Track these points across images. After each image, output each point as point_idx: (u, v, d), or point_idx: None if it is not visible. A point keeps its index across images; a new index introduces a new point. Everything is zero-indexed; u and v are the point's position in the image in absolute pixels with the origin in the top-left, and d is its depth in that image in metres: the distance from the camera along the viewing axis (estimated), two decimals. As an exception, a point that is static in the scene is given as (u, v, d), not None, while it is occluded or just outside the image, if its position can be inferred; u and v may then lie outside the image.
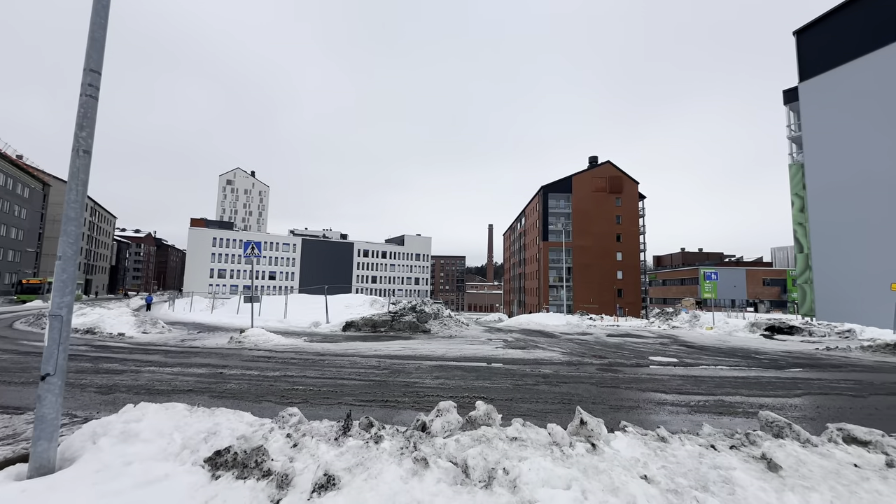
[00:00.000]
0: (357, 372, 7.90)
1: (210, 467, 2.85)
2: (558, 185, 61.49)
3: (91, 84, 2.95)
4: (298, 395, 6.16)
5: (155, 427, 3.09)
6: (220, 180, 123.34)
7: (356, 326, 16.17)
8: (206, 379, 7.13)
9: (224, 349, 10.94)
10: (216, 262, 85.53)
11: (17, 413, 5.09)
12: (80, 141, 2.90)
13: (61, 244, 2.84)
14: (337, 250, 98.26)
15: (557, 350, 11.92)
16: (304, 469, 2.86)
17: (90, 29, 3.00)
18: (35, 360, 8.97)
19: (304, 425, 3.48)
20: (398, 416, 5.10)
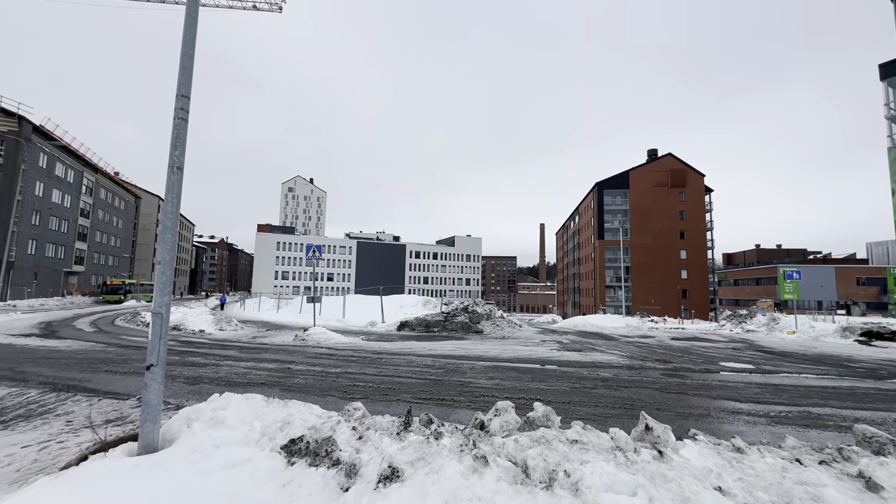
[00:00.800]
0: (413, 370, 8.11)
1: (286, 454, 3.09)
2: (614, 180, 58.80)
3: (182, 108, 3.32)
4: (359, 391, 6.45)
5: (238, 415, 3.41)
6: (283, 188, 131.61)
7: (410, 326, 16.55)
8: (276, 373, 7.67)
9: (290, 346, 11.70)
10: (280, 265, 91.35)
11: (123, 399, 5.81)
12: (173, 159, 3.28)
13: (160, 250, 3.22)
14: (390, 252, 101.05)
15: (616, 353, 11.44)
16: (369, 460, 3.01)
17: (180, 60, 3.37)
18: (134, 352, 10.15)
19: (367, 419, 3.66)
20: (454, 415, 5.18)
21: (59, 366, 8.17)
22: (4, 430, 4.48)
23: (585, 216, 66.23)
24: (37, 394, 6.00)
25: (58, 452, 3.88)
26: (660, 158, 58.37)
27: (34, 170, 37.47)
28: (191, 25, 3.42)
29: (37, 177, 38.07)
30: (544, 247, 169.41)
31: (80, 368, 7.92)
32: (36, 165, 37.80)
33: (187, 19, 3.41)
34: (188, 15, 3.42)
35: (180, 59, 3.37)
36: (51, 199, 40.82)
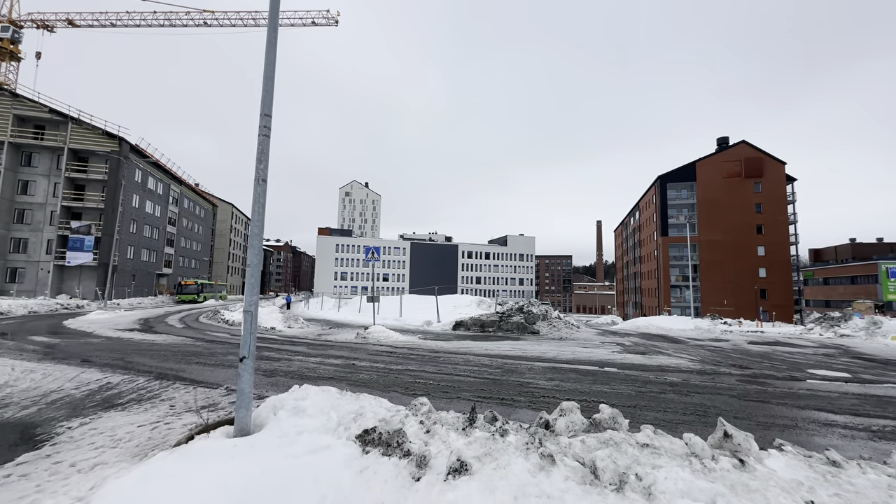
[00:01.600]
0: (471, 369, 8.22)
1: (360, 443, 3.31)
2: (678, 173, 55.01)
3: (265, 126, 3.67)
4: (420, 387, 6.67)
5: (316, 405, 3.71)
6: (340, 192, 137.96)
7: (465, 326, 16.70)
8: (343, 369, 8.13)
9: (353, 343, 12.30)
10: (339, 266, 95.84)
11: (213, 388, 6.48)
12: (258, 172, 3.64)
13: (249, 255, 3.59)
14: (442, 252, 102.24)
15: (686, 357, 10.76)
16: (437, 453, 3.15)
17: (263, 81, 3.73)
18: (218, 346, 11.22)
19: (433, 414, 3.80)
20: (515, 414, 5.20)
21: (159, 357, 9.25)
22: (123, 412, 5.20)
23: (647, 212, 62.65)
24: (144, 381, 6.86)
25: (166, 431, 4.44)
26: (732, 147, 53.77)
27: (131, 184, 42.47)
28: (271, 51, 3.77)
29: (134, 190, 43.13)
30: (601, 245, 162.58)
31: (175, 360, 8.92)
32: (133, 180, 42.83)
33: (268, 46, 3.77)
34: (269, 42, 3.78)
35: (263, 81, 3.73)
36: (145, 209, 46.04)
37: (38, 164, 39.09)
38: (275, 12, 3.87)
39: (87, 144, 39.61)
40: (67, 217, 39.21)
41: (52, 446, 4.04)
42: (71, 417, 4.93)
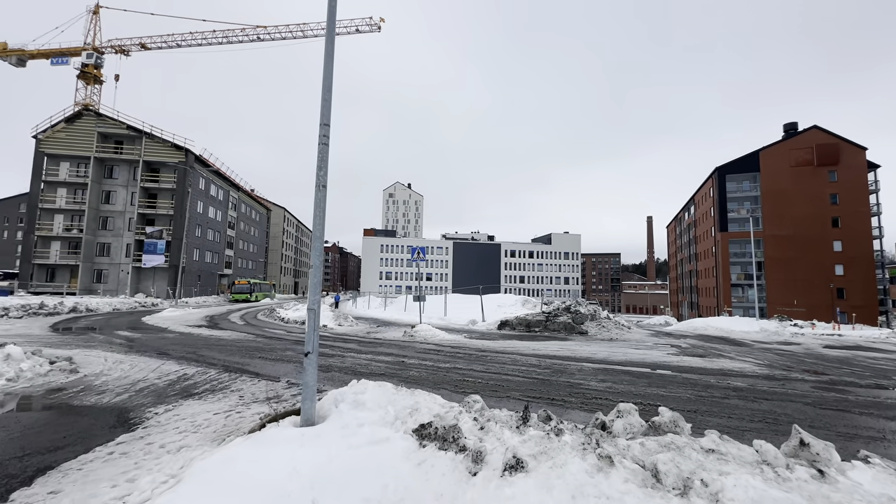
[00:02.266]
0: (519, 369, 8.18)
1: (417, 437, 3.44)
2: (739, 164, 51.18)
3: (324, 135, 3.89)
4: (469, 385, 6.74)
5: (374, 399, 3.89)
6: (384, 194, 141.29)
7: (511, 326, 16.59)
8: (393, 366, 8.39)
9: (400, 341, 12.62)
10: (384, 266, 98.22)
11: (276, 381, 6.92)
12: (319, 178, 3.86)
13: (312, 256, 3.83)
14: (485, 251, 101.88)
15: (751, 360, 10.07)
16: (493, 450, 3.20)
17: (322, 93, 3.96)
18: (277, 343, 11.93)
19: (486, 412, 3.86)
20: (567, 415, 5.14)
21: (226, 351, 10.00)
22: (199, 400, 5.69)
23: (703, 206, 58.92)
24: (215, 373, 7.46)
25: (238, 419, 4.82)
26: (801, 133, 49.27)
27: (196, 191, 45.98)
28: (329, 64, 3.99)
29: (198, 197, 46.66)
30: (653, 242, 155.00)
31: (240, 354, 9.60)
32: (197, 188, 46.35)
33: (326, 59, 4.00)
34: (326, 55, 4.00)
35: (321, 93, 3.96)
36: (208, 214, 49.67)
37: (118, 175, 43.31)
38: (331, 29, 4.09)
39: (159, 156, 43.36)
40: (143, 223, 43.13)
41: (144, 429, 4.51)
42: (157, 404, 5.48)
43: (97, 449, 3.93)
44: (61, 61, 47.12)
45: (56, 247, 40.81)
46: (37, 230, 40.41)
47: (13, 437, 4.23)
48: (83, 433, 4.37)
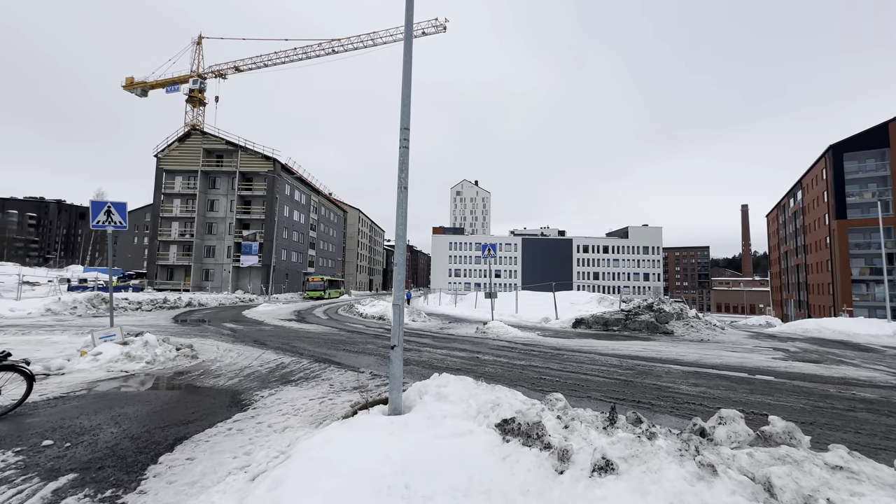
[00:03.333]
0: (598, 369, 7.86)
1: (500, 432, 3.48)
2: (861, 139, 43.61)
3: (405, 138, 4.07)
4: (547, 384, 6.63)
5: (456, 392, 4.00)
6: (451, 192, 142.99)
7: (586, 324, 15.94)
8: (468, 361, 8.52)
9: (473, 338, 12.75)
10: (453, 263, 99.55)
11: (360, 372, 7.39)
12: (400, 181, 4.05)
13: (395, 255, 4.03)
14: (556, 247, 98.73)
15: (883, 369, 8.63)
16: (579, 449, 3.14)
17: (401, 98, 4.14)
18: (358, 336, 12.69)
19: (570, 411, 3.79)
20: (655, 419, 4.84)
21: (314, 343, 10.87)
22: (296, 387, 6.28)
23: (813, 191, 51.36)
24: (307, 363, 8.16)
25: (331, 405, 5.24)
26: (947, 97, 40.67)
27: (283, 197, 50.40)
28: (407, 70, 4.16)
29: (284, 202, 51.10)
30: (748, 233, 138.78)
31: (327, 346, 10.38)
32: (284, 194, 50.78)
33: (405, 66, 4.17)
34: (405, 62, 4.18)
35: (401, 97, 4.14)
36: (293, 218, 54.18)
37: (220, 185, 48.89)
38: (409, 36, 4.26)
39: (251, 167, 48.19)
40: (240, 227, 48.29)
41: (254, 410, 5.10)
42: (262, 388, 6.15)
43: (218, 424, 4.52)
44: (174, 89, 54.29)
45: (173, 250, 47.28)
46: (158, 236, 47.16)
47: (156, 410, 5.02)
48: (206, 410, 5.05)
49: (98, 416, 4.69)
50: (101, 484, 3.13)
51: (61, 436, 4.07)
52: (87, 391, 5.79)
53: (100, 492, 3.02)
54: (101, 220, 8.22)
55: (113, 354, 7.42)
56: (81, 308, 17.56)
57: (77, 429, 4.28)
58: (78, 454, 3.66)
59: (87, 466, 3.42)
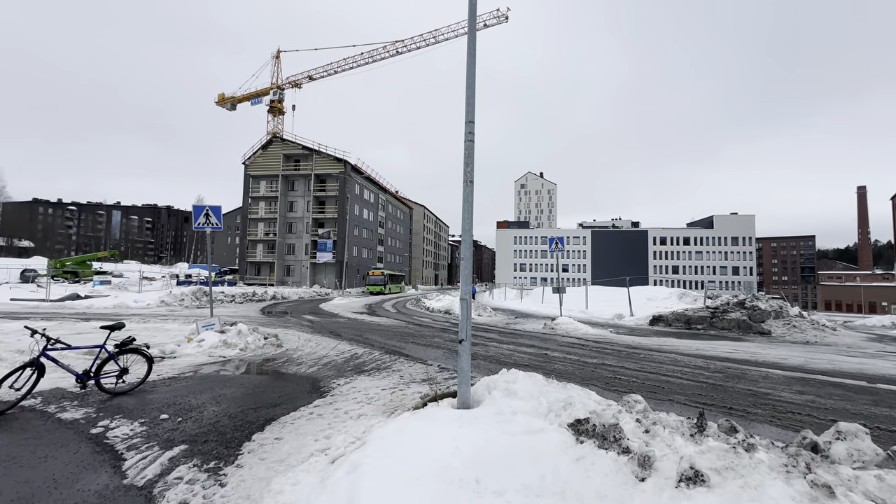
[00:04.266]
0: (681, 370, 7.25)
1: (573, 432, 3.34)
2: None
3: (469, 132, 4.04)
4: (622, 384, 6.26)
5: (526, 389, 3.91)
6: (515, 185, 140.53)
7: (665, 321, 14.81)
8: (536, 358, 8.33)
9: (541, 333, 12.44)
10: (518, 258, 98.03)
11: (428, 364, 7.54)
12: (466, 174, 4.03)
13: (462, 249, 4.03)
14: (629, 239, 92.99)
15: None
16: (662, 456, 2.90)
17: (466, 91, 4.11)
18: (426, 329, 13.00)
19: (650, 414, 3.53)
20: (752, 429, 4.34)
21: (384, 335, 11.33)
22: (369, 377, 6.58)
23: (957, 166, 42.59)
24: (378, 354, 8.52)
25: (401, 396, 5.41)
26: None
27: (353, 196, 53.10)
28: (471, 64, 4.12)
29: (355, 201, 53.81)
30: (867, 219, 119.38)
31: (396, 339, 10.76)
32: (354, 193, 53.48)
33: (468, 59, 4.13)
34: (469, 55, 4.14)
35: (466, 91, 4.11)
36: (362, 216, 56.90)
37: (298, 188, 52.73)
38: (472, 28, 4.20)
39: (325, 169, 51.31)
40: (315, 226, 51.74)
41: (331, 397, 5.43)
42: (338, 377, 6.53)
43: (301, 409, 4.88)
44: (257, 101, 59.45)
45: (260, 248, 52.03)
46: (247, 235, 52.16)
47: (248, 392, 5.55)
48: (291, 395, 5.47)
49: (202, 396, 5.30)
50: (206, 456, 3.53)
51: (174, 411, 4.66)
52: (193, 373, 6.57)
53: (205, 462, 3.40)
54: (201, 223, 9.26)
55: (213, 341, 8.35)
56: (188, 300, 20.00)
57: (186, 406, 4.87)
58: (187, 428, 4.16)
59: (194, 439, 3.87)
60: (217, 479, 3.14)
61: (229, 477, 3.17)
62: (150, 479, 3.11)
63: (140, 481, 3.07)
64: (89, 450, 3.59)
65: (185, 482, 3.06)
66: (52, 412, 4.52)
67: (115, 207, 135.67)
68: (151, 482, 3.06)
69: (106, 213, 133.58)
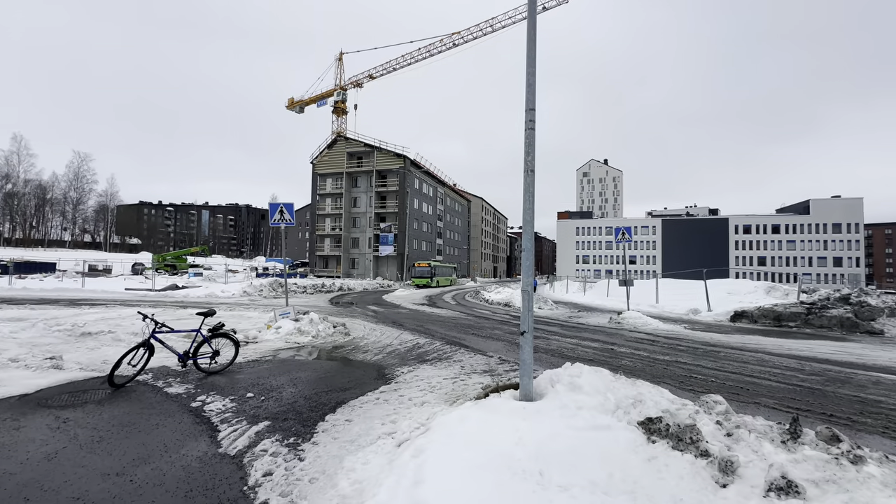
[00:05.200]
0: (769, 371, 6.57)
1: (644, 431, 3.17)
2: None
3: (530, 119, 3.94)
4: (698, 383, 5.82)
5: (591, 384, 3.78)
6: (577, 174, 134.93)
7: (750, 317, 13.47)
8: (601, 353, 8.00)
9: (606, 328, 11.91)
10: (580, 249, 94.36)
11: (489, 356, 7.56)
12: (527, 164, 3.94)
13: (523, 240, 3.97)
14: (705, 228, 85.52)
15: None
16: (748, 462, 2.67)
17: (526, 78, 4.01)
18: (485, 321, 13.01)
19: (733, 417, 3.25)
20: (859, 440, 3.82)
21: (445, 326, 11.52)
22: (431, 366, 6.74)
23: None
24: (439, 344, 8.69)
25: (463, 386, 5.49)
26: None
27: (412, 191, 54.27)
28: (531, 49, 4.01)
29: (414, 195, 54.98)
30: None
31: (456, 330, 10.90)
32: (413, 187, 54.63)
33: (528, 44, 4.02)
34: (529, 39, 4.02)
35: (525, 78, 4.01)
36: (421, 210, 57.97)
37: (361, 184, 54.97)
38: (533, 11, 4.08)
39: (385, 165, 52.93)
40: (377, 220, 53.66)
41: (396, 384, 5.65)
42: (401, 365, 6.77)
43: (368, 394, 5.14)
44: (322, 103, 62.63)
45: (327, 242, 55.13)
46: (315, 230, 55.48)
47: (321, 376, 5.95)
48: (358, 381, 5.78)
49: (281, 378, 5.77)
50: (286, 432, 3.85)
51: (258, 391, 5.13)
52: (272, 357, 7.17)
53: (286, 438, 3.71)
54: (277, 219, 10.01)
55: (289, 329, 9.04)
56: (266, 291, 21.81)
57: (268, 386, 5.34)
58: (270, 406, 4.56)
59: (276, 417, 4.24)
60: (296, 453, 3.42)
61: (307, 453, 3.44)
62: (240, 449, 3.46)
63: (232, 451, 3.43)
64: (191, 420, 4.08)
65: (270, 454, 3.37)
66: (161, 387, 5.18)
67: (203, 207, 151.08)
68: (241, 452, 3.41)
69: (196, 213, 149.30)
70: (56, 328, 9.00)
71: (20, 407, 4.29)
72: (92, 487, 2.80)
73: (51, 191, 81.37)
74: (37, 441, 3.49)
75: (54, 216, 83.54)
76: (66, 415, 4.11)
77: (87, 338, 8.14)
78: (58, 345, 7.31)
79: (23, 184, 76.95)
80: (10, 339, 7.39)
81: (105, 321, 10.12)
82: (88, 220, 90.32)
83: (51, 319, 10.15)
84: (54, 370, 5.70)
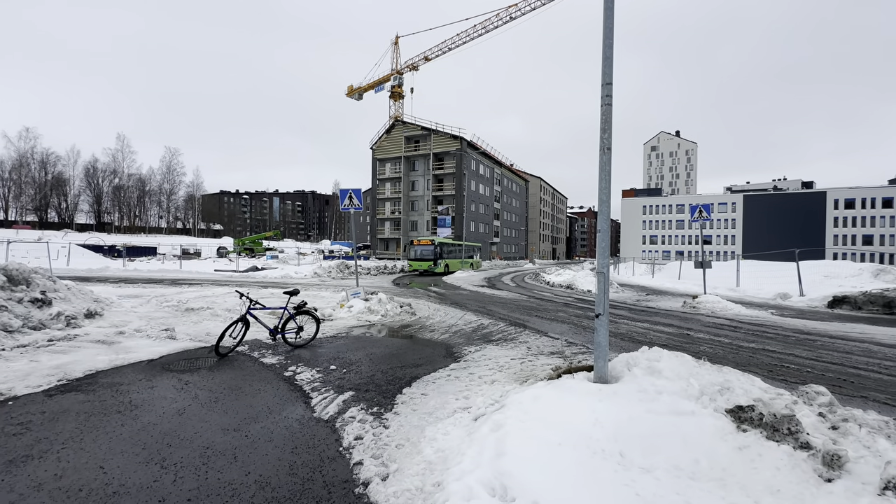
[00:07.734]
0: (879, 364, 5.88)
1: (733, 419, 3.03)
2: None
3: (607, 94, 3.78)
4: (791, 373, 5.38)
5: (672, 369, 3.66)
6: (645, 148, 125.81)
7: (852, 304, 11.99)
8: (676, 338, 7.61)
9: (680, 312, 11.25)
10: (647, 229, 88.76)
11: (554, 339, 7.51)
12: (603, 141, 3.81)
13: (599, 221, 3.87)
14: (796, 204, 76.33)
15: None
16: (858, 458, 2.48)
17: (602, 50, 3.83)
18: (547, 304, 12.85)
19: (838, 409, 3.00)
20: None
21: (507, 308, 11.56)
22: (497, 346, 6.85)
23: None
24: (503, 325, 8.77)
25: (531, 367, 5.54)
26: None
27: (469, 172, 54.02)
28: (608, 18, 3.80)
29: (471, 177, 54.72)
30: None
31: (519, 312, 10.89)
32: (470, 169, 54.35)
33: (605, 13, 3.82)
34: (606, 9, 3.82)
35: (602, 50, 3.83)
36: (479, 191, 57.64)
37: (418, 167, 55.69)
38: (610, -24, 3.85)
39: (442, 147, 53.03)
40: (435, 203, 54.27)
41: (465, 362, 5.83)
42: (468, 345, 6.95)
43: (440, 370, 5.37)
44: (380, 89, 63.71)
45: (387, 225, 56.91)
46: (376, 214, 57.42)
47: (393, 353, 6.30)
48: (429, 358, 6.04)
49: (357, 353, 6.20)
50: (369, 402, 4.17)
51: (339, 364, 5.56)
52: (346, 334, 7.70)
53: (370, 407, 4.03)
54: (347, 204, 10.54)
55: (360, 308, 9.60)
56: (334, 272, 23.18)
57: (347, 360, 5.77)
58: (351, 378, 4.95)
59: (358, 387, 4.60)
60: (381, 421, 3.71)
61: (390, 421, 3.72)
62: (332, 415, 3.83)
63: (325, 416, 3.80)
64: (286, 387, 4.56)
65: (358, 421, 3.69)
66: (257, 357, 5.81)
67: (274, 195, 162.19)
68: (333, 418, 3.77)
69: (269, 200, 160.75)
70: (165, 304, 10.33)
71: (149, 370, 5.05)
72: (216, 439, 3.26)
73: (149, 183, 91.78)
74: (167, 399, 4.11)
75: (152, 206, 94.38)
76: (186, 378, 4.77)
77: (191, 313, 9.26)
78: (169, 318, 8.40)
79: (126, 178, 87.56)
80: (132, 313, 8.63)
81: (203, 298, 11.41)
82: (180, 208, 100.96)
83: (160, 297, 11.65)
84: (170, 340, 6.59)
